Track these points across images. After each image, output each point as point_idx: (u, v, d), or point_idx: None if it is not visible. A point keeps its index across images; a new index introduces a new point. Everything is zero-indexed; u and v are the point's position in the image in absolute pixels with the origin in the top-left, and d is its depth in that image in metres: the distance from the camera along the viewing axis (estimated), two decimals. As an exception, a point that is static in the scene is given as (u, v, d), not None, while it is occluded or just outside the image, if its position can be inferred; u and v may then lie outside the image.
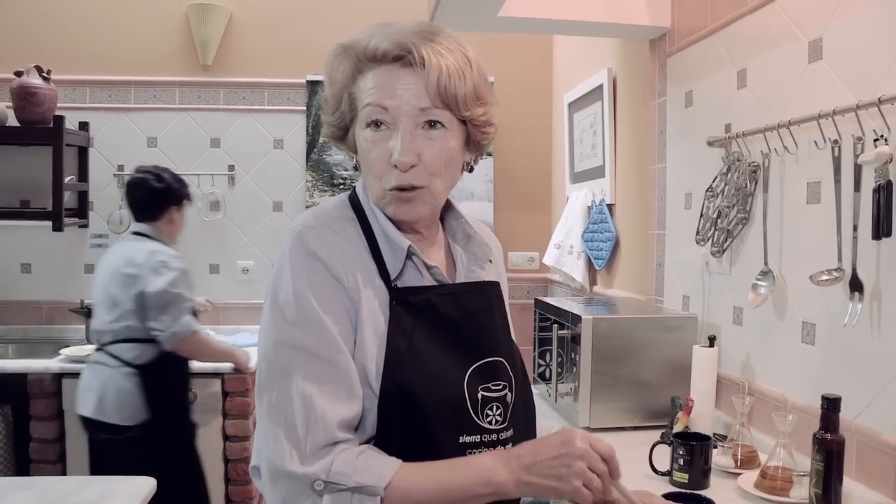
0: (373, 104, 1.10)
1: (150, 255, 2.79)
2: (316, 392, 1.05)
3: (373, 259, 1.14)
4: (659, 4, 2.59)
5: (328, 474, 1.01)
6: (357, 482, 1.01)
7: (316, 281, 1.08)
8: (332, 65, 1.15)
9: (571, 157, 3.67)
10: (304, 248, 1.10)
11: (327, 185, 4.02)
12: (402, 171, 1.10)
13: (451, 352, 1.14)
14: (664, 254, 2.66)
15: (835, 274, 1.67)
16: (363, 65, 1.12)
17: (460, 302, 1.19)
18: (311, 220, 1.14)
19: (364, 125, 1.12)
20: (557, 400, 2.38)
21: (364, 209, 1.19)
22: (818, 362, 1.81)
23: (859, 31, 1.67)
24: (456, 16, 2.50)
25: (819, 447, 1.53)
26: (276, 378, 1.07)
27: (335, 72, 1.15)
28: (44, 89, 3.49)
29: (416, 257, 1.17)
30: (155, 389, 2.80)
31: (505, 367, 1.20)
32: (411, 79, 1.09)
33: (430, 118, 1.10)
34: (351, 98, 1.14)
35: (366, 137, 1.12)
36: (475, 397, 1.14)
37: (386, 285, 1.13)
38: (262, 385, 1.09)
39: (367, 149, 1.12)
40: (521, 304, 3.91)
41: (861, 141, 1.61)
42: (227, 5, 3.92)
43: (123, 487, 2.00)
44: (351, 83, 1.14)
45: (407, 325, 1.12)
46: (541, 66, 4.15)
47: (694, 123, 2.43)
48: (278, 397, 1.06)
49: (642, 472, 1.84)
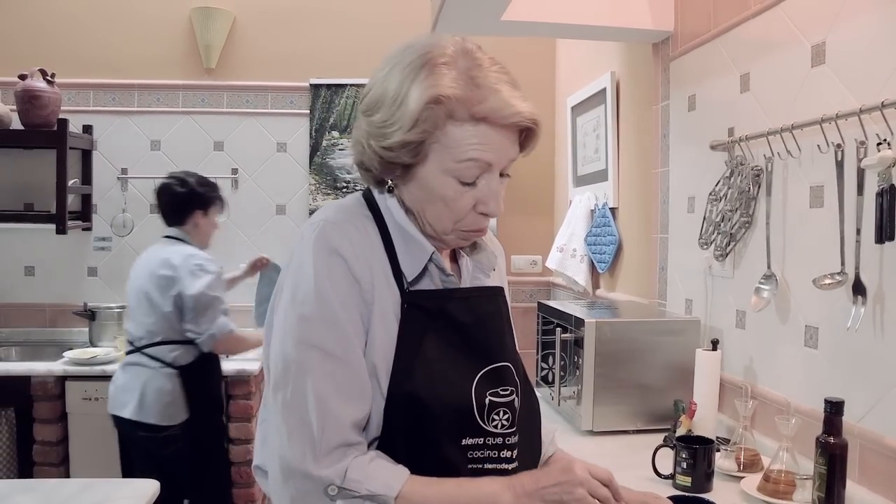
0: (480, 161, 1.08)
1: (186, 258, 2.83)
2: (331, 392, 1.05)
3: (388, 259, 1.14)
4: (662, 8, 2.60)
5: (343, 480, 1.02)
6: (368, 490, 1.02)
7: (337, 278, 1.08)
8: (429, 109, 1.05)
9: (574, 161, 3.67)
10: (327, 244, 1.09)
11: (330, 189, 4.03)
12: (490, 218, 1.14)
13: (461, 357, 1.15)
14: (667, 257, 2.66)
15: (838, 278, 1.67)
16: (470, 118, 1.07)
17: (472, 307, 1.19)
18: (335, 216, 1.14)
19: (452, 175, 1.09)
20: (560, 403, 2.38)
21: (380, 208, 1.18)
22: (821, 366, 1.81)
23: (862, 36, 1.67)
24: (459, 19, 2.51)
25: (822, 451, 1.53)
26: (292, 375, 1.07)
27: (425, 115, 1.06)
28: (48, 92, 3.50)
29: (434, 263, 1.17)
30: (195, 390, 2.87)
31: (511, 371, 1.21)
32: (513, 137, 1.12)
33: (507, 169, 1.15)
34: (434, 141, 1.08)
35: (451, 185, 1.10)
36: (482, 402, 1.14)
37: (398, 287, 1.14)
38: (278, 381, 1.08)
39: (453, 197, 1.11)
40: (523, 307, 3.91)
41: (864, 145, 1.61)
42: (230, 9, 3.93)
43: (127, 490, 2.00)
44: (440, 128, 1.07)
45: (418, 329, 1.12)
46: (544, 69, 4.15)
47: (697, 127, 2.44)
48: (293, 394, 1.06)
49: (645, 475, 1.84)
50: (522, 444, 1.18)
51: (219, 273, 2.91)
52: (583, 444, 2.16)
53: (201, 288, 2.80)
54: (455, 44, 1.10)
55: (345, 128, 4.02)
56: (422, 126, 1.06)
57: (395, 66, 1.10)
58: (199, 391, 2.88)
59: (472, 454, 1.12)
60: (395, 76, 1.09)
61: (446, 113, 1.05)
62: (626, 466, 1.85)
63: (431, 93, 1.04)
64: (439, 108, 1.05)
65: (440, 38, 1.11)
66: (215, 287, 2.86)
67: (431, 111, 1.05)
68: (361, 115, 1.14)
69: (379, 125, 1.09)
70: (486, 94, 1.06)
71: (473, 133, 1.07)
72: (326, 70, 4.01)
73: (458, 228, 1.14)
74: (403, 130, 1.06)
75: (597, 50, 3.40)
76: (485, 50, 1.13)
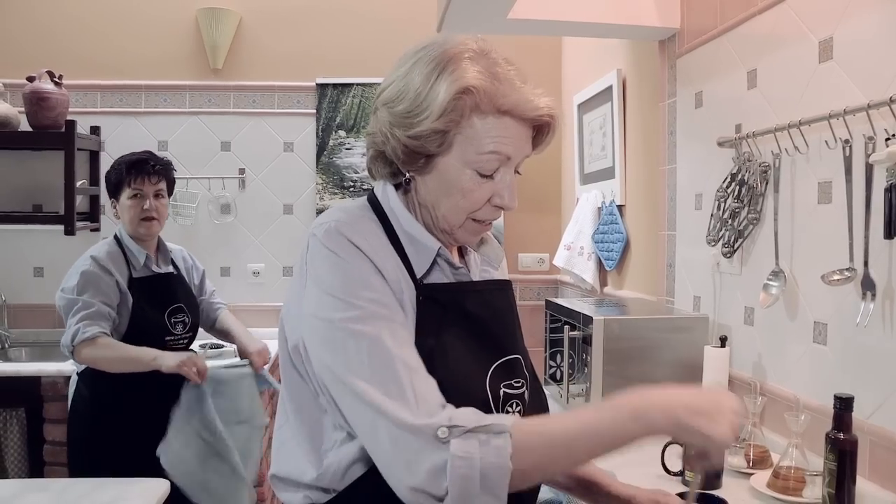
0: (499, 154, 1.12)
1: (82, 258, 2.61)
2: (410, 356, 1.05)
3: (398, 255, 1.16)
4: (668, 5, 2.59)
5: (450, 421, 0.99)
6: (480, 422, 1.00)
7: (361, 265, 1.09)
8: (457, 100, 1.08)
9: (581, 159, 3.67)
10: (344, 239, 1.10)
11: (337, 188, 4.03)
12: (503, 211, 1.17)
13: (476, 348, 1.16)
14: (675, 255, 2.66)
15: (846, 274, 1.67)
16: (495, 111, 1.11)
17: (485, 300, 1.21)
18: (344, 217, 1.15)
19: (473, 167, 1.12)
20: (569, 401, 2.38)
21: (385, 211, 1.19)
22: (830, 362, 1.80)
23: (870, 31, 1.67)
24: (465, 18, 2.51)
25: (832, 447, 1.52)
26: (365, 350, 1.03)
27: (452, 106, 1.09)
28: (56, 94, 3.51)
29: (443, 258, 1.18)
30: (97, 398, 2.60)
31: (521, 364, 1.23)
32: (529, 133, 1.15)
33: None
34: (457, 132, 1.11)
35: (470, 177, 1.13)
36: (497, 394, 1.15)
37: (413, 281, 1.14)
38: (348, 364, 1.04)
39: (471, 188, 1.13)
40: (531, 305, 3.91)
41: (872, 140, 1.61)
42: (236, 9, 3.93)
43: (138, 489, 2.01)
44: (466, 120, 1.10)
45: (434, 322, 1.13)
46: (550, 67, 4.15)
47: (704, 124, 2.43)
48: (376, 367, 1.03)
49: (655, 472, 1.83)
50: None
51: (92, 272, 2.52)
52: (591, 441, 2.15)
53: (60, 291, 2.55)
54: (476, 41, 1.14)
55: (351, 127, 4.02)
56: (449, 115, 1.09)
57: (418, 61, 1.13)
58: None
59: None
60: (420, 69, 1.12)
61: (472, 104, 1.09)
62: (635, 463, 1.84)
63: (460, 84, 1.08)
64: (467, 97, 1.08)
65: (459, 36, 1.15)
66: (82, 288, 2.49)
67: (459, 101, 1.08)
68: (383, 107, 1.15)
69: (405, 115, 1.12)
70: (508, 90, 1.10)
71: (496, 126, 1.10)
72: (333, 69, 4.01)
73: (471, 219, 1.16)
74: (432, 119, 1.09)
75: (603, 48, 3.39)
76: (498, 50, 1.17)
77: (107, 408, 2.56)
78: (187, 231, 3.94)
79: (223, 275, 4.03)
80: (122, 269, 2.61)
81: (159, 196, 2.68)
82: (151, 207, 2.64)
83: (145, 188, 2.64)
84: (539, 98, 1.13)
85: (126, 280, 2.60)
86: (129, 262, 2.64)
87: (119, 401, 2.55)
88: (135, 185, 2.62)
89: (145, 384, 2.49)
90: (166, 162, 2.76)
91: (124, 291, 2.58)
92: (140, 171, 2.64)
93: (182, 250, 2.95)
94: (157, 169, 2.68)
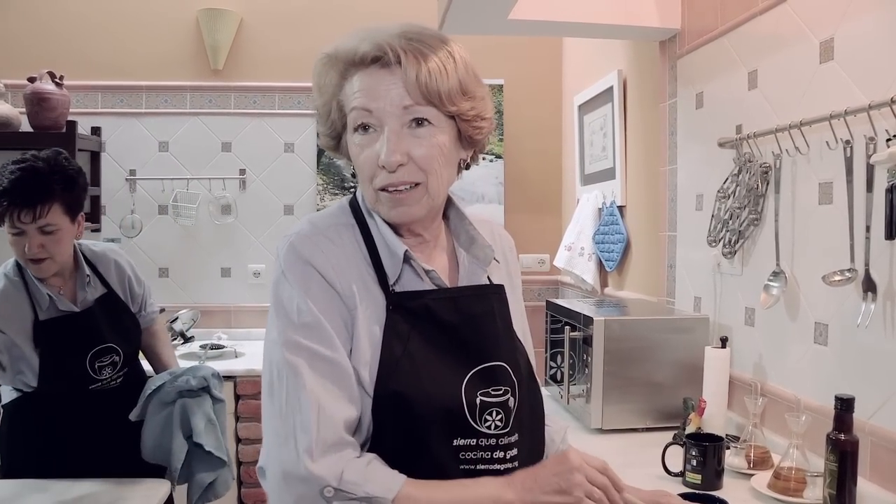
0: (358, 108, 1.11)
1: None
2: (322, 391, 1.06)
3: (371, 265, 1.15)
4: (669, 6, 2.59)
5: (339, 482, 1.02)
6: (366, 493, 1.02)
7: (313, 287, 1.10)
8: (320, 74, 1.16)
9: (582, 159, 3.67)
10: (298, 257, 1.12)
11: (338, 189, 4.03)
12: (391, 171, 1.10)
13: (448, 357, 1.14)
14: (675, 255, 2.66)
15: (847, 274, 1.67)
16: (347, 71, 1.13)
17: (459, 306, 1.18)
18: (307, 229, 1.16)
19: (352, 130, 1.14)
20: (569, 402, 2.38)
21: (364, 214, 1.19)
22: (831, 363, 1.80)
23: (871, 32, 1.67)
24: (466, 19, 2.51)
25: (833, 448, 1.52)
26: (284, 378, 1.07)
27: (323, 80, 1.16)
28: (56, 95, 3.51)
29: (413, 262, 1.16)
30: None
31: (507, 371, 1.18)
32: (393, 79, 1.10)
33: (416, 116, 1.10)
34: (339, 105, 1.15)
35: (355, 142, 1.14)
36: (473, 402, 1.13)
37: (384, 290, 1.14)
38: (272, 387, 1.09)
39: (357, 153, 1.14)
40: (532, 306, 3.87)
41: (873, 141, 1.61)
42: (237, 10, 3.94)
43: (139, 490, 2.01)
44: (338, 91, 1.15)
45: (403, 330, 1.12)
46: (551, 68, 4.15)
47: (705, 125, 2.43)
48: (287, 398, 1.06)
49: (655, 473, 1.84)
50: (523, 444, 1.17)
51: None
52: (592, 442, 2.16)
53: None
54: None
55: (352, 128, 4.01)
56: (326, 88, 1.16)
57: None
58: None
59: (464, 455, 1.11)
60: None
61: (339, 74, 1.14)
62: (635, 464, 1.85)
63: (321, 54, 1.16)
64: (331, 67, 1.14)
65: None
66: None
67: (325, 70, 1.15)
68: None
69: (314, 109, 1.23)
70: (349, 42, 1.14)
71: (354, 83, 1.12)
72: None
73: (375, 191, 1.13)
74: (317, 97, 1.19)
75: (603, 48, 3.39)
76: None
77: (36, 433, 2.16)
78: (188, 231, 3.94)
79: (224, 275, 4.03)
80: (21, 313, 2.10)
81: (47, 231, 2.03)
82: (33, 250, 2.02)
83: (25, 226, 2.01)
84: (369, 35, 1.13)
85: (30, 325, 2.09)
86: (34, 299, 2.12)
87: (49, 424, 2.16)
88: (9, 222, 2.01)
89: (72, 404, 2.16)
90: (59, 174, 2.09)
91: (25, 341, 2.09)
92: (13, 203, 1.99)
93: (115, 251, 2.39)
94: (38, 197, 2.01)
